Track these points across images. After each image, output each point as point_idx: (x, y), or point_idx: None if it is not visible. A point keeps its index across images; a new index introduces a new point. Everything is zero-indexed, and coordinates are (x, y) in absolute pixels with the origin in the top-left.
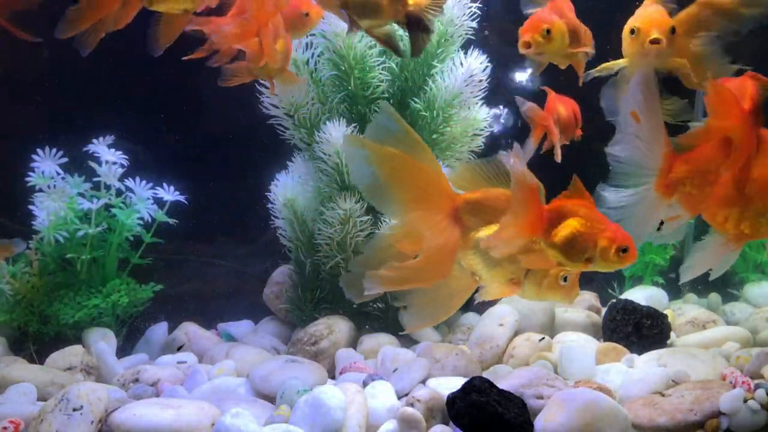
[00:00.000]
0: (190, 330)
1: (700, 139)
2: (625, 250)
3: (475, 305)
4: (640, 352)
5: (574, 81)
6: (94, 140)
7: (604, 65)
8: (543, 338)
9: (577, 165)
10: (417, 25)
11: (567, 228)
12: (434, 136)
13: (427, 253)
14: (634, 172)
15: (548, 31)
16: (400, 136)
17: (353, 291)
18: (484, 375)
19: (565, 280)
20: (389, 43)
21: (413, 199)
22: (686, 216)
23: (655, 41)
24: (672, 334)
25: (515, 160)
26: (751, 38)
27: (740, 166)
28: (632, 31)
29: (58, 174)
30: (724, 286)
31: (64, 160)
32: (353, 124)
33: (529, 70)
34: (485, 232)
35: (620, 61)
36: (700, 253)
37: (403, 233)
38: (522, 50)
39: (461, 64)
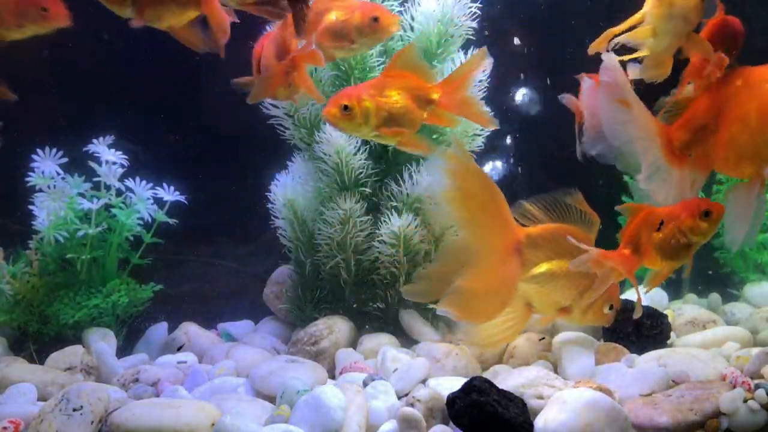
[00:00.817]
0: (190, 330)
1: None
2: (707, 213)
3: None
4: (640, 352)
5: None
6: (94, 140)
7: (618, 32)
8: (543, 338)
9: (582, 169)
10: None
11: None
12: (434, 136)
13: (489, 283)
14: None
15: None
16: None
17: (417, 296)
18: (484, 375)
19: (610, 308)
20: (190, 40)
21: (481, 222)
22: (702, 179)
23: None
24: (672, 334)
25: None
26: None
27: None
28: None
29: (58, 174)
30: (724, 286)
31: (64, 160)
32: None
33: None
34: (546, 267)
35: (642, 28)
36: (733, 215)
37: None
38: None
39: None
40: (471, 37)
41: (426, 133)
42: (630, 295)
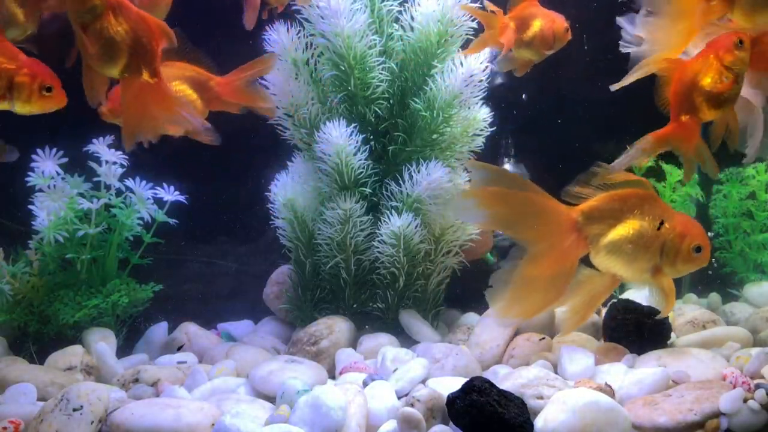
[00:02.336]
0: (190, 330)
1: None
2: (740, 42)
3: (474, 305)
4: (640, 352)
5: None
6: (94, 140)
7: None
8: (543, 338)
9: (581, 169)
10: None
11: None
12: (434, 136)
13: (555, 269)
14: None
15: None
16: (497, 177)
17: (497, 303)
18: (484, 375)
19: (698, 250)
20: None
21: (532, 224)
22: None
23: None
24: (672, 334)
25: None
26: None
27: None
28: None
29: (58, 174)
30: (724, 286)
31: (65, 160)
32: (353, 124)
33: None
34: (613, 235)
35: None
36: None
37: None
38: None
39: (461, 64)
40: (471, 37)
41: (426, 133)
42: (630, 294)
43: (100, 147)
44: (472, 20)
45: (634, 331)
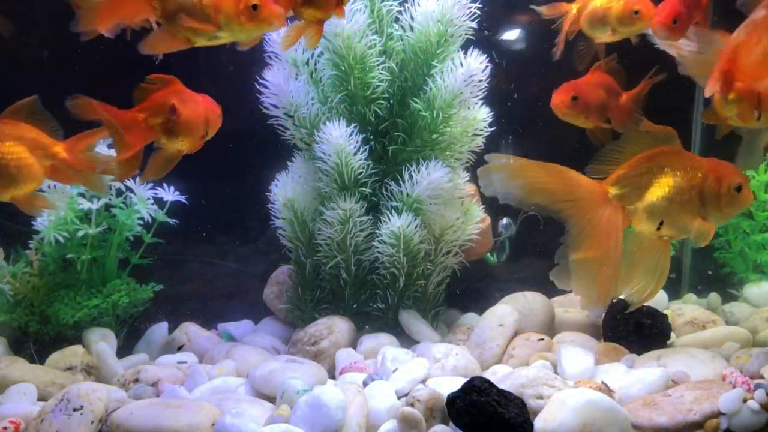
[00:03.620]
0: (190, 330)
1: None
2: None
3: (474, 305)
4: (640, 352)
5: None
6: None
7: None
8: (542, 338)
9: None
10: None
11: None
12: (434, 136)
13: (603, 243)
14: None
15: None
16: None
17: (563, 281)
18: (484, 375)
19: (738, 189)
20: None
21: (566, 197)
22: None
23: None
24: (672, 334)
25: None
26: None
27: None
28: None
29: None
30: (724, 286)
31: None
32: (353, 124)
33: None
34: (650, 196)
35: None
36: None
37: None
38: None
39: (461, 64)
40: (471, 37)
41: (426, 133)
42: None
43: (100, 147)
44: (472, 20)
45: (634, 331)
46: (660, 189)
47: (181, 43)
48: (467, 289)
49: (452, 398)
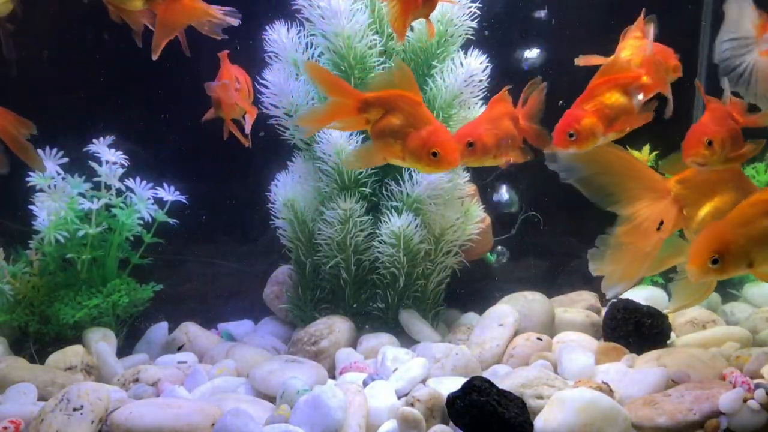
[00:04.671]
0: (190, 330)
1: None
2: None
3: (474, 305)
4: (640, 352)
5: None
6: (95, 140)
7: None
8: (542, 338)
9: None
10: None
11: None
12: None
13: (649, 233)
14: None
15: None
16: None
17: (596, 264)
18: (484, 375)
19: None
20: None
21: (632, 187)
22: None
23: None
24: (672, 334)
25: None
26: None
27: None
28: None
29: (59, 174)
30: (724, 286)
31: (65, 160)
32: None
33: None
34: (711, 206)
35: None
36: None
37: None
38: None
39: (461, 64)
40: (471, 37)
41: None
42: (630, 294)
43: (101, 147)
44: (472, 20)
45: (634, 331)
46: (722, 201)
47: (381, 160)
48: (467, 289)
49: (452, 398)
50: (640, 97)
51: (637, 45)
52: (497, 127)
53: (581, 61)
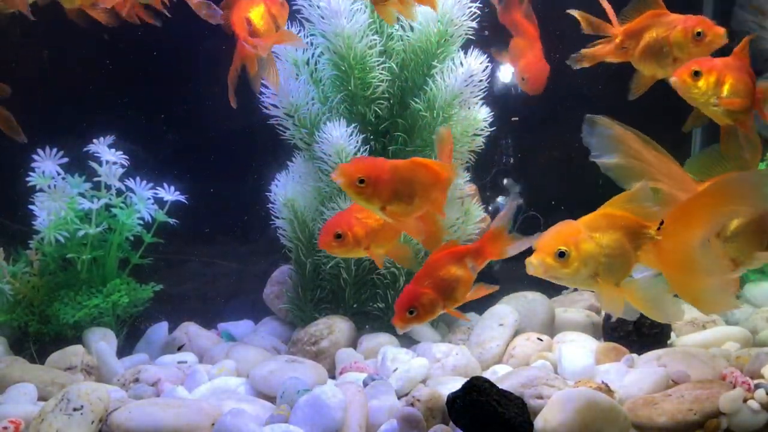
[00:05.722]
0: (190, 330)
1: None
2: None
3: (474, 305)
4: (640, 352)
5: None
6: (95, 140)
7: None
8: (542, 338)
9: (582, 170)
10: None
11: None
12: (434, 136)
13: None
14: None
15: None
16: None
17: None
18: (484, 375)
19: None
20: None
21: (658, 179)
22: None
23: None
24: (672, 334)
25: None
26: None
27: None
28: None
29: (59, 174)
30: None
31: (65, 160)
32: (353, 124)
33: None
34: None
35: None
36: None
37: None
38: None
39: (461, 64)
40: (471, 37)
41: (426, 133)
42: None
43: (101, 147)
44: (472, 20)
45: (634, 331)
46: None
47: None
48: None
49: (452, 398)
50: (476, 267)
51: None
52: (369, 216)
53: (585, 24)
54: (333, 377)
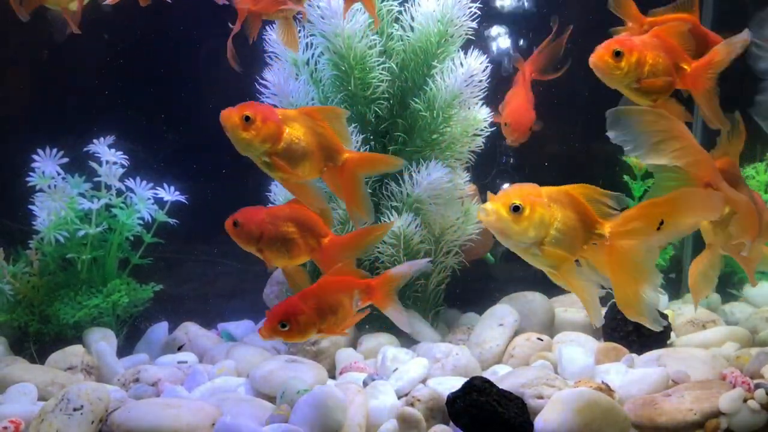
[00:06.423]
0: (190, 330)
1: None
2: None
3: (474, 305)
4: (640, 352)
5: None
6: (95, 140)
7: None
8: (542, 338)
9: (581, 170)
10: None
11: None
12: (434, 136)
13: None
14: None
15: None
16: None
17: None
18: (484, 375)
19: None
20: None
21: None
22: None
23: None
24: (672, 334)
25: None
26: None
27: None
28: None
29: (59, 174)
30: (724, 286)
31: (65, 160)
32: (353, 125)
33: None
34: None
35: None
36: None
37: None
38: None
39: (461, 64)
40: (471, 37)
41: (426, 133)
42: None
43: (101, 147)
44: (472, 20)
45: (634, 331)
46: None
47: None
48: (467, 289)
49: (452, 398)
50: (359, 302)
51: None
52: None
53: None
54: (333, 377)
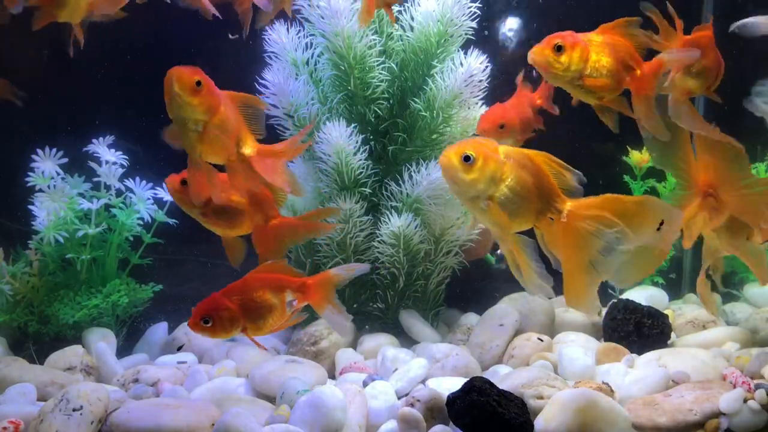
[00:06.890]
0: (190, 330)
1: None
2: None
3: (474, 305)
4: (640, 352)
5: None
6: (94, 140)
7: None
8: (542, 339)
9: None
10: None
11: None
12: (434, 136)
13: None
14: None
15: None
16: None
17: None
18: (484, 375)
19: None
20: None
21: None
22: None
23: None
24: (672, 334)
25: None
26: None
27: None
28: None
29: (58, 174)
30: (725, 287)
31: (65, 160)
32: (353, 124)
33: None
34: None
35: None
36: None
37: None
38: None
39: (461, 64)
40: (471, 37)
41: (426, 133)
42: (631, 294)
43: (100, 147)
44: (472, 20)
45: (634, 331)
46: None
47: None
48: (467, 289)
49: (452, 398)
50: (295, 303)
51: None
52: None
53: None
54: (333, 377)
